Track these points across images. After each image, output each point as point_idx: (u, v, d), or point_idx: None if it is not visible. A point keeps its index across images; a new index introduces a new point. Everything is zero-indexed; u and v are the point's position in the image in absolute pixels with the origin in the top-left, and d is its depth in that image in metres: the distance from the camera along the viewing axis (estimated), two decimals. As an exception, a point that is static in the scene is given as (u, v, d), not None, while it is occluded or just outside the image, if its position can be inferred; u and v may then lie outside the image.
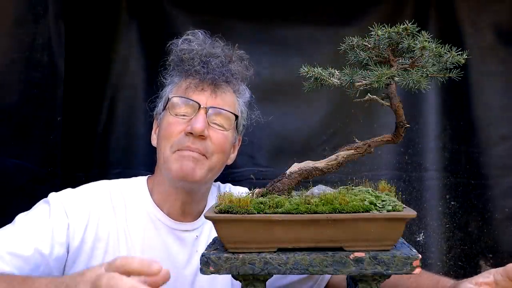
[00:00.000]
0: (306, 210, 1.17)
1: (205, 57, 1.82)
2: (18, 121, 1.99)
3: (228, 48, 1.90)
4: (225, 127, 1.79)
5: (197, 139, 1.71)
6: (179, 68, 1.86)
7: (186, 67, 1.82)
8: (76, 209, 1.69)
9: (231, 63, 1.86)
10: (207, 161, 1.75)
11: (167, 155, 1.74)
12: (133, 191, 1.82)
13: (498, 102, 2.46)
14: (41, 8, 2.05)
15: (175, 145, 1.73)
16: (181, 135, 1.73)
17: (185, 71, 1.83)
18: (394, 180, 2.43)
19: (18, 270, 1.51)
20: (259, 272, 1.17)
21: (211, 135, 1.75)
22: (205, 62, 1.81)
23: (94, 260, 1.69)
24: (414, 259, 1.16)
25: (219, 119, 1.78)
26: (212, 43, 1.88)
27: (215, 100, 1.78)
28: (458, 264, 2.46)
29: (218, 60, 1.83)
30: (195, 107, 1.75)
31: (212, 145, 1.75)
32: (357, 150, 1.29)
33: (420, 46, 1.19)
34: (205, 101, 1.76)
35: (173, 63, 1.89)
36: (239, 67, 1.88)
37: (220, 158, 1.79)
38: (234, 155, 1.94)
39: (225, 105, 1.79)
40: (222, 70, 1.81)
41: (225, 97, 1.81)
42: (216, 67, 1.81)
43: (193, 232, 1.82)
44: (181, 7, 2.47)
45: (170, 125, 1.76)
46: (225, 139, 1.79)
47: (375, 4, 2.49)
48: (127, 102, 2.48)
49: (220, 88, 1.80)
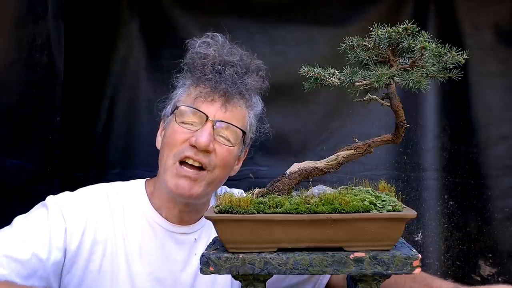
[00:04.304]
0: (306, 210, 1.17)
1: (219, 65, 1.75)
2: (17, 121, 1.98)
3: (247, 56, 1.82)
4: (232, 142, 1.73)
5: (201, 151, 1.67)
6: (192, 72, 1.79)
7: (198, 73, 1.75)
8: (74, 213, 1.68)
9: (247, 74, 1.78)
10: (208, 175, 1.70)
11: (169, 165, 1.70)
12: (131, 194, 1.81)
13: (497, 102, 2.46)
14: (41, 8, 2.05)
15: (177, 154, 1.69)
16: (185, 145, 1.68)
17: (197, 77, 1.76)
18: (392, 180, 2.44)
19: (16, 274, 1.51)
20: (259, 272, 1.17)
21: (216, 149, 1.69)
22: (219, 71, 1.73)
23: (92, 264, 1.69)
24: (414, 259, 1.16)
25: (226, 133, 1.72)
26: (230, 50, 1.80)
27: (225, 114, 1.71)
28: (456, 264, 2.46)
29: (233, 70, 1.74)
30: (203, 118, 1.70)
31: (216, 159, 1.70)
32: (357, 150, 1.29)
33: (420, 46, 1.19)
34: (213, 113, 1.70)
35: (187, 66, 1.82)
36: (255, 79, 1.80)
37: (222, 172, 1.74)
38: (238, 166, 1.89)
39: (233, 120, 1.73)
40: (236, 81, 1.73)
41: (235, 110, 1.74)
42: (230, 77, 1.73)
43: (191, 235, 1.81)
44: (181, 7, 2.48)
45: (175, 133, 1.71)
46: (229, 154, 1.74)
47: (374, 4, 2.49)
48: (126, 102, 2.48)
49: (231, 100, 1.72)
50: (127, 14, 2.47)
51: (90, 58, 2.43)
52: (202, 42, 1.80)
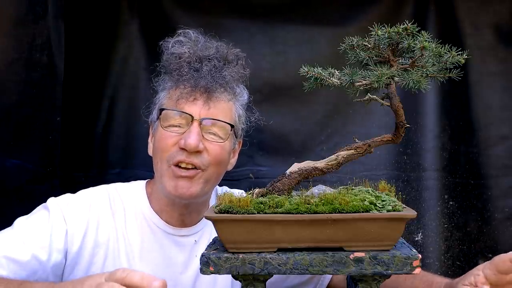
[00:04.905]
0: (306, 210, 1.17)
1: (195, 62, 1.71)
2: (17, 121, 1.98)
3: (223, 46, 1.77)
4: (222, 137, 1.70)
5: (192, 153, 1.64)
6: (170, 74, 1.76)
7: (175, 75, 1.72)
8: (75, 216, 1.67)
9: (226, 65, 1.74)
10: (204, 173, 1.69)
11: (163, 170, 1.69)
12: (132, 196, 1.80)
13: (497, 102, 2.46)
14: (41, 8, 2.05)
15: (170, 159, 1.67)
16: (175, 149, 1.66)
17: (175, 79, 1.73)
18: (392, 180, 2.43)
19: (15, 275, 1.51)
20: (259, 272, 1.17)
21: (207, 147, 1.67)
22: (196, 68, 1.70)
23: (94, 266, 1.68)
24: (414, 259, 1.16)
25: (214, 129, 1.70)
26: (204, 44, 1.76)
27: (209, 110, 1.68)
28: (456, 264, 2.46)
29: (211, 64, 1.71)
30: (188, 119, 1.67)
31: (209, 157, 1.68)
32: (357, 150, 1.29)
33: (420, 46, 1.19)
34: (198, 112, 1.67)
35: (164, 68, 1.80)
36: (235, 69, 1.76)
37: (217, 169, 1.72)
38: (235, 159, 1.87)
39: (219, 115, 1.70)
40: (215, 75, 1.69)
41: (219, 105, 1.70)
42: (208, 72, 1.69)
43: (191, 237, 1.80)
44: (181, 7, 2.47)
45: (163, 138, 1.69)
46: (221, 150, 1.71)
47: (374, 4, 2.49)
48: (126, 102, 2.48)
49: (214, 95, 1.69)
50: (127, 14, 2.47)
51: (90, 58, 2.43)
52: (175, 42, 1.76)
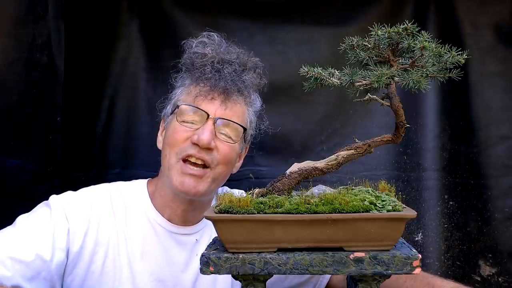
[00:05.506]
0: (306, 210, 1.17)
1: (217, 63, 1.77)
2: (17, 121, 1.99)
3: (244, 54, 1.84)
4: (233, 138, 1.75)
5: (203, 149, 1.68)
6: (191, 72, 1.81)
7: (197, 73, 1.77)
8: (77, 214, 1.68)
9: (245, 72, 1.80)
10: (211, 172, 1.72)
11: (172, 163, 1.71)
12: (133, 194, 1.81)
13: (497, 102, 2.46)
14: (41, 8, 2.05)
15: (180, 153, 1.70)
16: (187, 143, 1.70)
17: (196, 77, 1.78)
18: (392, 180, 2.43)
19: (20, 275, 1.52)
20: (259, 272, 1.17)
21: (217, 146, 1.71)
22: (217, 69, 1.76)
23: (94, 265, 1.69)
24: (414, 259, 1.16)
25: (227, 130, 1.74)
26: (227, 48, 1.82)
27: (225, 111, 1.73)
28: (456, 264, 2.46)
29: (232, 68, 1.77)
30: (204, 116, 1.71)
31: (218, 156, 1.71)
32: (357, 150, 1.29)
33: (420, 46, 1.19)
34: (214, 111, 1.72)
35: (185, 66, 1.84)
36: (252, 76, 1.82)
37: (225, 169, 1.76)
38: (240, 163, 1.90)
39: (234, 116, 1.75)
40: (235, 79, 1.76)
41: (235, 108, 1.76)
42: (228, 75, 1.75)
43: (192, 236, 1.81)
44: (181, 7, 2.47)
45: (176, 132, 1.73)
46: (231, 151, 1.75)
47: (374, 4, 2.49)
48: (126, 102, 2.48)
49: (231, 98, 1.75)
50: (127, 15, 2.47)
51: (90, 58, 2.43)
52: (199, 42, 1.82)
